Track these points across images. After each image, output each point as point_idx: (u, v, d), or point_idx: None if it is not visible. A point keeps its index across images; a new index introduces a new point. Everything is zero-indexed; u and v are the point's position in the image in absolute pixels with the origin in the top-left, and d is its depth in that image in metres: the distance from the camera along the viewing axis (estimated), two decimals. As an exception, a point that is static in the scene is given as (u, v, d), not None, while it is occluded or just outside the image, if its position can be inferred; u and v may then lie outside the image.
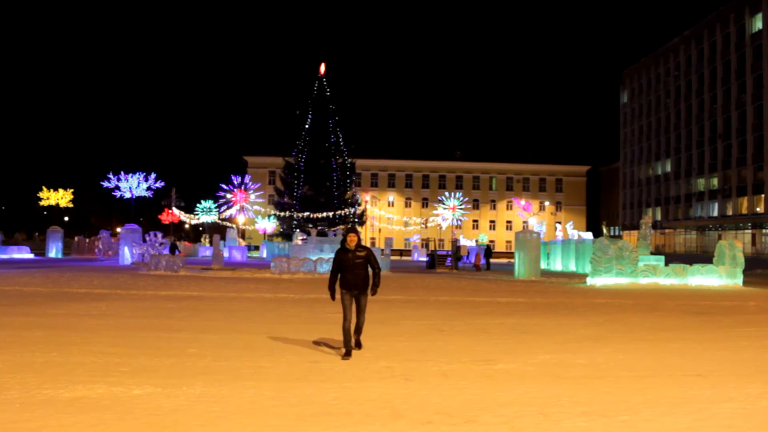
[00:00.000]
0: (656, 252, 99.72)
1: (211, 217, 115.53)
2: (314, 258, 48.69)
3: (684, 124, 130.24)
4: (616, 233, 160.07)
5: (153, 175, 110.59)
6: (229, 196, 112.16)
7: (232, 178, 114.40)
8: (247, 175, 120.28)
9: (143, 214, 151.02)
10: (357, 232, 15.15)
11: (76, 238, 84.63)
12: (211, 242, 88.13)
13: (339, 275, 14.75)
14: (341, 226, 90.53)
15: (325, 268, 45.52)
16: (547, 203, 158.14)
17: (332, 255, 49.40)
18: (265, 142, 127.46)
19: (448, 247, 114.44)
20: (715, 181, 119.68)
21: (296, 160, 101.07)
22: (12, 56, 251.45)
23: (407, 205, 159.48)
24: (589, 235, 70.29)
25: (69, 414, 9.23)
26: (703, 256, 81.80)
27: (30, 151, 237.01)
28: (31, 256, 67.74)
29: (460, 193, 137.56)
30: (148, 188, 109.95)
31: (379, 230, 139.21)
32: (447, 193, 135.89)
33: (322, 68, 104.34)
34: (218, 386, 11.23)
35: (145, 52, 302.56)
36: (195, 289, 32.66)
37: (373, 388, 11.16)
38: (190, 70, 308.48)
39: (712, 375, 13.06)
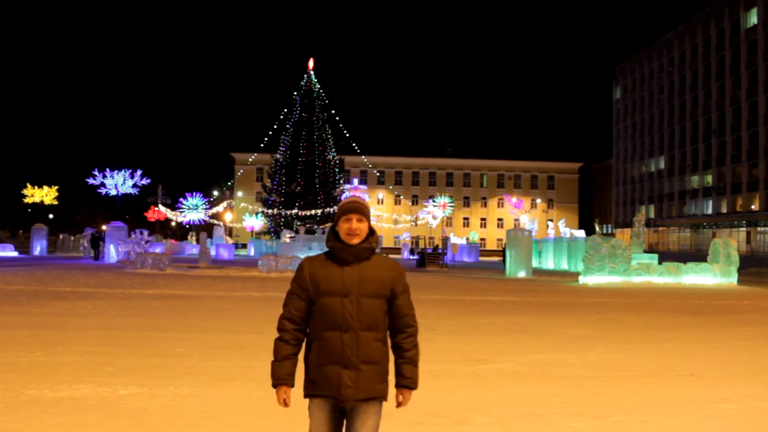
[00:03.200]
0: (649, 250, 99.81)
1: (198, 215, 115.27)
2: (303, 256, 48.69)
3: (678, 120, 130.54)
4: (609, 231, 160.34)
5: (139, 172, 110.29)
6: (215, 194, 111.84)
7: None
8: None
9: (129, 211, 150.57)
10: (366, 211, 5.80)
11: (60, 236, 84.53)
12: (197, 240, 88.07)
13: (309, 334, 5.76)
14: (330, 224, 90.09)
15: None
16: (538, 201, 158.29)
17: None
18: (253, 139, 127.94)
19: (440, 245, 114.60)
20: (709, 179, 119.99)
21: (284, 157, 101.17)
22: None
23: (397, 202, 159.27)
24: (581, 233, 70.38)
25: (54, 414, 9.21)
26: (697, 255, 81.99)
27: (14, 147, 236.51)
28: (15, 254, 67.58)
29: (449, 198, 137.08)
30: (134, 185, 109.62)
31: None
32: (438, 191, 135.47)
33: (311, 63, 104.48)
34: (205, 386, 11.20)
35: (131, 48, 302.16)
36: (182, 287, 32.61)
37: (363, 389, 11.10)
38: (177, 65, 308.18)
39: (707, 375, 13.08)
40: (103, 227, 71.80)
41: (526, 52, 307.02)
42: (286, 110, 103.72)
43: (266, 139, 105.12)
